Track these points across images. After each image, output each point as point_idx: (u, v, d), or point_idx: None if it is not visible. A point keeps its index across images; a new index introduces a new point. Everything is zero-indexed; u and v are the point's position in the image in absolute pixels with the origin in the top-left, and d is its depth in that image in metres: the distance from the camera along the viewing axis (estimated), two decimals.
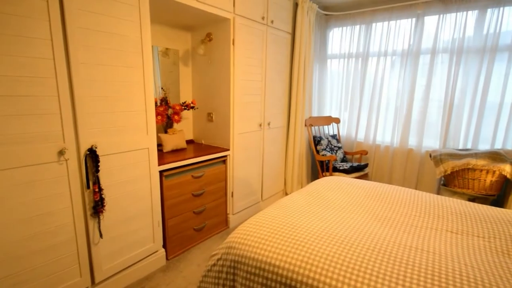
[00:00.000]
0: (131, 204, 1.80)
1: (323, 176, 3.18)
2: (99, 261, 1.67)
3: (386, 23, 3.21)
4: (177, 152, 2.32)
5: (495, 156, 2.32)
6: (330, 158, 3.00)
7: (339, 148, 3.44)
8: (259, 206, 3.00)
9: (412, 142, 3.18)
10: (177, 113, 2.41)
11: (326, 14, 3.57)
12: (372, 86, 3.36)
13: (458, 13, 2.80)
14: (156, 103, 2.30)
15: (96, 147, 1.56)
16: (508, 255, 1.27)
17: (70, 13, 1.40)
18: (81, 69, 1.47)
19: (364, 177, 3.17)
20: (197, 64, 2.69)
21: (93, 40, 1.50)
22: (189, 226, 2.26)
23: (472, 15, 2.75)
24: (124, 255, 1.81)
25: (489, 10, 2.66)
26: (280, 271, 1.15)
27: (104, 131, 1.61)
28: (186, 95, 2.72)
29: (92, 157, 1.56)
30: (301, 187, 3.41)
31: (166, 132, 2.39)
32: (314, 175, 3.79)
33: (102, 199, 1.62)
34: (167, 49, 2.51)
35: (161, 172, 1.98)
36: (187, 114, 2.75)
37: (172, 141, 2.33)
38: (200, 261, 2.12)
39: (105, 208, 1.65)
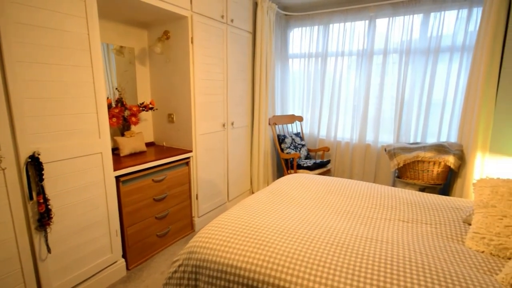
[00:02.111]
0: (84, 214, 1.68)
1: (288, 173, 3.24)
2: (48, 278, 1.53)
3: (342, 24, 3.35)
4: (135, 155, 2.20)
5: (440, 148, 2.53)
6: (294, 156, 3.06)
7: (303, 145, 3.53)
8: (226, 207, 2.97)
9: (369, 137, 3.36)
10: (134, 114, 2.29)
11: (286, 14, 3.63)
12: (331, 85, 3.49)
13: (405, 16, 3.00)
14: (110, 104, 2.16)
15: (39, 154, 1.42)
16: (452, 239, 1.38)
17: (2, 6, 1.25)
18: (18, 68, 1.33)
19: (327, 173, 3.28)
20: (155, 63, 2.58)
21: (31, 36, 1.36)
22: (151, 232, 2.16)
23: (418, 18, 2.97)
24: (78, 269, 1.67)
25: (432, 14, 2.89)
26: (242, 273, 1.14)
27: (48, 136, 1.47)
28: (144, 96, 2.60)
29: (35, 165, 1.41)
30: (268, 186, 3.44)
31: (123, 135, 2.26)
32: (279, 173, 3.84)
33: (48, 211, 1.48)
34: (121, 47, 2.37)
35: (117, 177, 1.86)
36: (146, 115, 2.63)
37: (129, 144, 2.21)
38: (164, 268, 2.03)
39: (53, 220, 1.51)
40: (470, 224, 1.47)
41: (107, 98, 2.21)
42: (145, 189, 2.06)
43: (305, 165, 3.13)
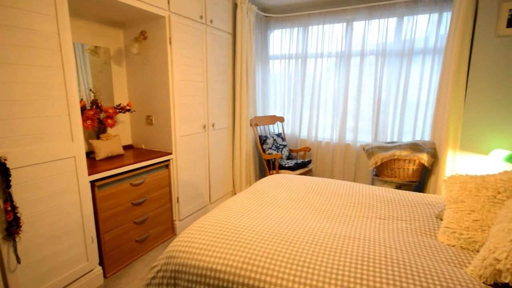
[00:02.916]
0: (57, 221, 1.60)
1: (270, 174, 3.25)
2: None
3: (321, 26, 3.41)
4: (112, 159, 2.14)
5: (415, 147, 2.63)
6: (275, 157, 3.08)
7: (284, 146, 3.56)
8: (208, 209, 2.93)
9: (349, 137, 3.43)
10: (110, 116, 2.22)
11: (266, 16, 3.65)
12: (311, 86, 3.54)
13: (381, 20, 3.10)
14: (84, 106, 2.09)
15: (5, 159, 1.34)
16: (425, 234, 1.44)
17: None
18: None
19: (308, 172, 3.32)
20: (132, 64, 2.51)
21: None
22: (130, 238, 2.10)
23: (392, 22, 3.07)
24: (51, 279, 1.59)
25: (405, 18, 3.00)
26: (222, 276, 1.13)
27: (16, 140, 1.39)
28: (121, 97, 2.53)
29: (1, 171, 1.34)
30: (249, 187, 3.44)
31: (98, 138, 2.19)
32: (262, 174, 3.85)
33: (17, 219, 1.40)
34: (96, 47, 2.29)
35: (92, 182, 1.80)
36: (123, 117, 2.56)
37: (105, 147, 2.14)
38: (144, 274, 1.98)
39: (22, 228, 1.43)
40: (442, 219, 1.54)
41: (81, 100, 2.13)
42: (122, 194, 2.00)
43: (286, 165, 3.16)
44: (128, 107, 2.36)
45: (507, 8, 2.20)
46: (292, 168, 3.12)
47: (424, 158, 2.53)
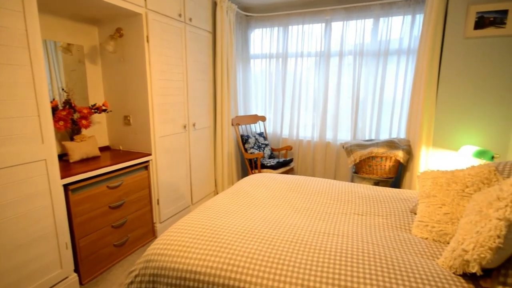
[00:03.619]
0: (27, 227, 1.52)
1: (252, 173, 3.25)
2: None
3: (300, 26, 3.44)
4: (87, 161, 2.06)
5: (391, 144, 2.72)
6: (257, 156, 3.09)
7: (266, 145, 3.57)
8: (190, 210, 2.89)
9: (329, 136, 3.50)
10: (85, 117, 2.13)
11: (246, 15, 3.64)
12: (292, 85, 3.58)
13: (358, 21, 3.18)
14: (56, 106, 1.99)
15: None
16: (400, 228, 1.49)
17: None
18: None
19: (290, 171, 3.36)
20: (107, 62, 2.43)
21: None
22: (107, 242, 2.03)
23: (369, 23, 3.16)
24: None
25: (381, 19, 3.10)
26: (201, 277, 1.12)
27: None
28: (96, 97, 2.44)
29: None
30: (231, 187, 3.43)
31: (72, 139, 2.10)
32: (244, 173, 3.85)
33: None
34: (69, 44, 2.20)
35: (66, 185, 1.72)
36: (99, 118, 2.47)
37: (80, 149, 2.06)
38: (123, 279, 1.92)
39: None
40: (415, 214, 1.60)
41: (53, 99, 2.04)
42: (99, 197, 1.93)
43: (268, 164, 3.17)
44: (104, 107, 2.28)
45: (474, 11, 2.32)
46: (274, 167, 3.14)
47: (400, 155, 2.62)
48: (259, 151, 3.42)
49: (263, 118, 3.73)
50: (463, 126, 2.47)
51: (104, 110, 2.29)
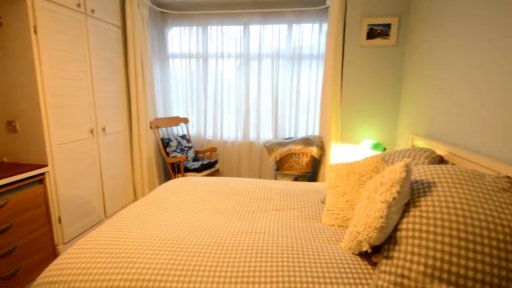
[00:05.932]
0: None
1: (176, 178, 3.10)
2: None
3: (220, 27, 3.44)
4: None
5: (307, 141, 2.95)
6: (180, 159, 2.96)
7: (190, 148, 3.46)
8: None
9: (252, 135, 3.59)
10: None
11: (162, 12, 3.45)
12: (214, 85, 3.55)
13: (274, 25, 3.35)
14: None
15: None
16: (313, 218, 1.61)
17: None
18: None
19: (216, 173, 3.32)
20: None
21: None
22: None
23: (283, 28, 3.36)
24: None
25: (294, 25, 3.33)
26: None
27: None
28: None
29: None
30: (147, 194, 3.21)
31: None
32: (167, 178, 3.64)
33: None
34: None
35: None
36: None
37: None
38: None
39: None
40: (325, 203, 1.76)
41: None
42: None
43: (192, 167, 3.08)
44: None
45: (366, 23, 2.69)
46: (198, 170, 3.06)
47: (314, 150, 2.87)
48: (182, 154, 3.29)
49: (185, 120, 3.59)
50: (363, 122, 2.85)
51: None
